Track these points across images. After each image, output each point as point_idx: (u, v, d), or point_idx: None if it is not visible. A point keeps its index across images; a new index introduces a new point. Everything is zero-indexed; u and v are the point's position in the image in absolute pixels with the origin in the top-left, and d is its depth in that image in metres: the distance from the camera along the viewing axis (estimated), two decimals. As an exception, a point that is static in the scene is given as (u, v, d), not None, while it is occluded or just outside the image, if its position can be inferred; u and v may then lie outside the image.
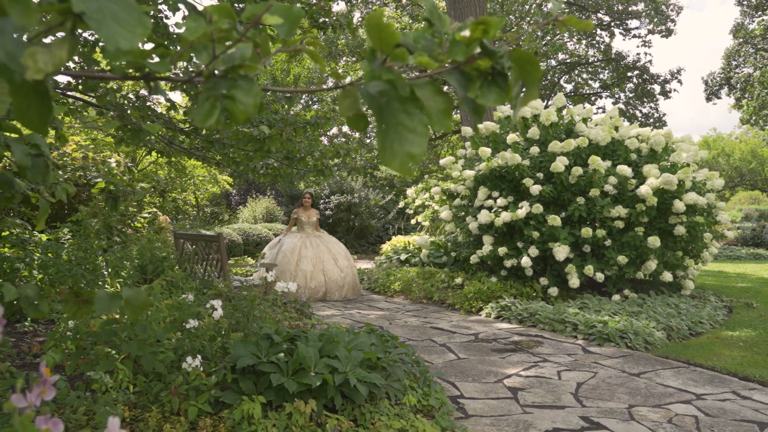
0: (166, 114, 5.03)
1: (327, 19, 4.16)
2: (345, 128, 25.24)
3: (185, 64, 5.32)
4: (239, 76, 0.85)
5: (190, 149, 5.20)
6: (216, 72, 0.86)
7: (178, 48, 0.89)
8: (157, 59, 0.91)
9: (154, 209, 9.41)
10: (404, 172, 0.83)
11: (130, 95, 4.89)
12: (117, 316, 2.96)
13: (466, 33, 0.84)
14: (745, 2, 31.40)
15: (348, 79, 0.93)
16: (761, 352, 4.97)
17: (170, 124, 4.56)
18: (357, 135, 25.27)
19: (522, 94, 0.89)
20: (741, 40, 32.07)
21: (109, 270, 4.95)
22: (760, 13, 31.57)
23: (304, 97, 21.56)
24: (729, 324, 6.24)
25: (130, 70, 0.89)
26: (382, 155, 0.82)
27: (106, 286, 4.51)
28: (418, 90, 0.84)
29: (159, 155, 5.77)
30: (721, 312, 6.69)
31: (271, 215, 15.60)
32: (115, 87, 6.15)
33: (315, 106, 22.53)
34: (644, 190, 6.63)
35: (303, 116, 5.10)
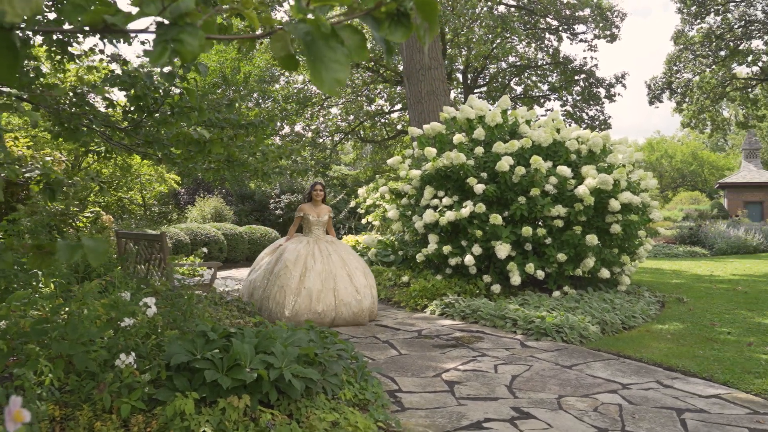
0: (105, 111, 4.95)
1: None
2: (297, 127, 25.14)
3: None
4: (185, 23, 1.02)
5: (130, 146, 5.14)
6: (165, 21, 1.02)
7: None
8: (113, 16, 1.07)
9: (98, 208, 9.20)
10: (333, 93, 1.01)
11: (68, 93, 4.80)
12: (48, 316, 2.93)
13: None
14: (685, 10, 32.68)
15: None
16: (686, 344, 5.24)
17: (109, 122, 4.50)
18: (309, 135, 25.22)
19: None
20: (681, 46, 33.36)
21: (44, 269, 4.83)
22: (699, 20, 32.90)
23: (254, 95, 21.35)
24: (660, 318, 6.53)
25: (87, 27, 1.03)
26: (314, 80, 0.99)
27: (41, 285, 4.41)
28: (340, 31, 1.01)
29: (99, 154, 5.67)
30: (653, 307, 7.00)
31: (219, 215, 15.42)
32: (54, 83, 6.01)
33: (267, 104, 22.33)
34: (582, 189, 6.88)
35: (246, 116, 5.10)
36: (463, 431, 3.20)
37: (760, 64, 32.69)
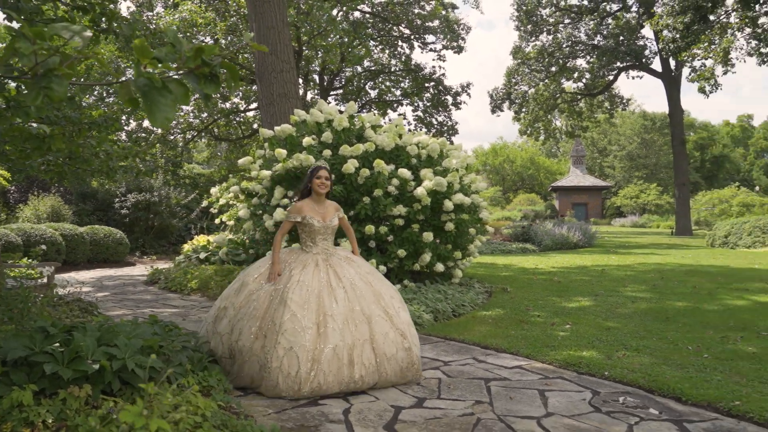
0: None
1: (109, 26, 4.22)
2: (145, 123, 24.04)
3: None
4: (54, 75, 1.42)
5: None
6: (39, 72, 1.41)
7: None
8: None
9: None
10: (164, 127, 1.46)
11: None
12: None
13: (191, 53, 1.50)
14: (522, 28, 35.71)
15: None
16: (503, 326, 6.01)
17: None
18: (160, 131, 24.23)
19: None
20: (519, 60, 36.39)
21: None
22: (534, 38, 36.11)
23: (96, 89, 20.14)
24: (486, 306, 7.34)
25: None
26: (149, 118, 1.42)
27: None
28: (169, 83, 1.45)
29: None
30: (482, 296, 7.83)
31: (57, 214, 14.43)
32: None
33: (110, 99, 21.14)
34: (420, 191, 7.51)
35: (89, 115, 5.03)
36: (300, 408, 3.54)
37: (584, 80, 36.60)
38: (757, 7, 20.78)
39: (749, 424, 3.29)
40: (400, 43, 30.04)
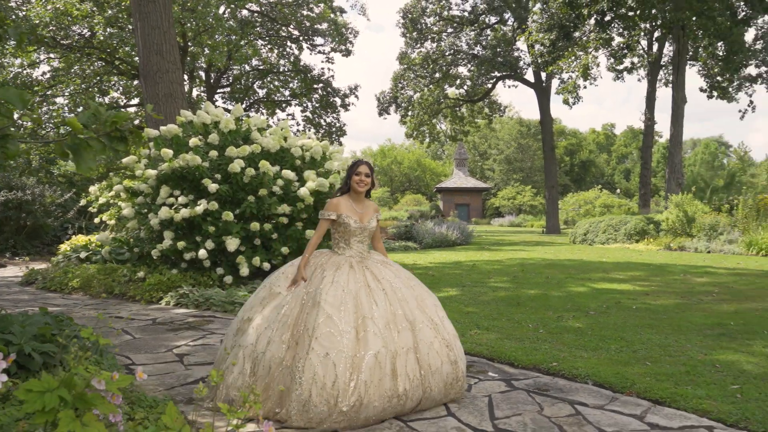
0: None
1: None
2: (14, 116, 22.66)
3: None
4: (9, 137, 2.04)
5: None
6: None
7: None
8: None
9: None
10: (88, 174, 2.48)
11: None
12: None
13: (110, 121, 2.15)
14: (407, 35, 37.11)
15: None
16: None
17: None
18: (30, 125, 22.89)
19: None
20: (405, 66, 37.75)
21: None
22: (419, 45, 37.62)
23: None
24: (364, 297, 7.97)
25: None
26: (77, 167, 2.04)
27: None
28: (91, 142, 2.08)
29: None
30: (361, 289, 8.45)
31: None
32: None
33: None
34: (303, 191, 8.02)
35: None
36: (187, 386, 3.95)
37: (465, 87, 38.62)
38: (610, 29, 23.20)
39: (561, 379, 4.13)
40: (288, 43, 30.27)
